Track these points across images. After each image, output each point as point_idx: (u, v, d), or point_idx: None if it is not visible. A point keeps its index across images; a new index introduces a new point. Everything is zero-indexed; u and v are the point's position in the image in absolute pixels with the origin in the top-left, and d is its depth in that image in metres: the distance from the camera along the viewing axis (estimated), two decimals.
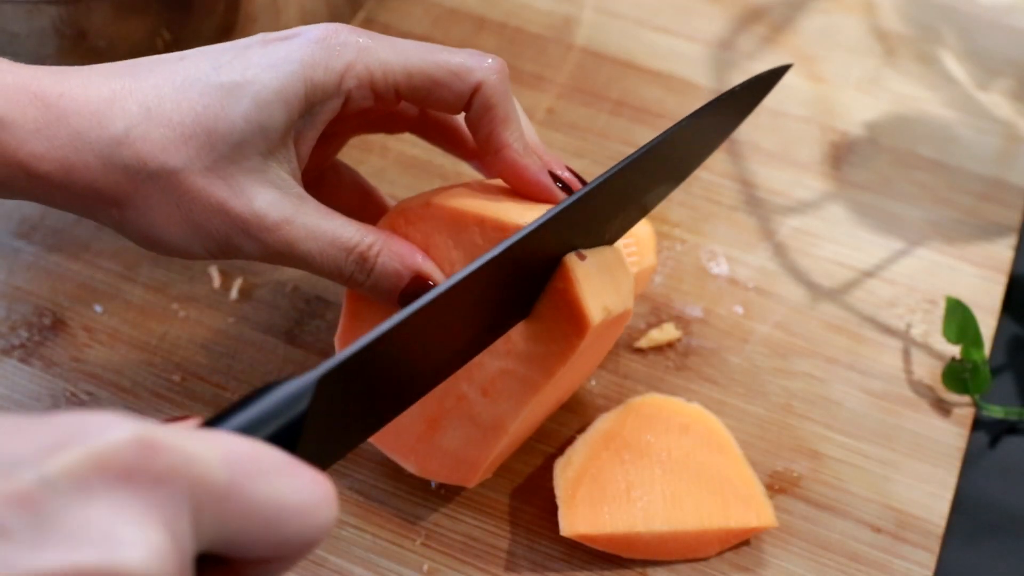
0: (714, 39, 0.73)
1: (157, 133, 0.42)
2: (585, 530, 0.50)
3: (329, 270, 0.46)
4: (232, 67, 0.43)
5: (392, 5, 0.74)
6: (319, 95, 0.44)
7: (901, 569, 0.52)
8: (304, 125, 0.45)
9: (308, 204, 0.45)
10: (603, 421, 0.54)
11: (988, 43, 0.74)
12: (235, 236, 0.44)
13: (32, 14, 0.56)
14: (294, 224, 0.44)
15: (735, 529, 0.51)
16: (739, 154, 0.67)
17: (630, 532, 0.50)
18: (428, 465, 0.50)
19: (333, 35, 0.44)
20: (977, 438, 0.58)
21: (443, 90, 0.45)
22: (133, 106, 0.43)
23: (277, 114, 0.43)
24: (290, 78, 0.43)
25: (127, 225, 0.45)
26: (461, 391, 0.49)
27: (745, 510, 0.51)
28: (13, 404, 0.56)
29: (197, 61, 0.44)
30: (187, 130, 0.43)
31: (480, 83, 0.45)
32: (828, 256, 0.63)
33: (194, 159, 0.43)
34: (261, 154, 0.44)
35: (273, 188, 0.44)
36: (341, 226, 0.46)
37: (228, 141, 0.43)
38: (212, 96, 0.43)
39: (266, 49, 0.44)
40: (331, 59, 0.44)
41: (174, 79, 0.43)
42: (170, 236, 0.44)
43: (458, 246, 0.47)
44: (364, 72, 0.44)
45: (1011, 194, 0.66)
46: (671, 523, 0.50)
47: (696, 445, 0.53)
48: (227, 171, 0.43)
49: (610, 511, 0.50)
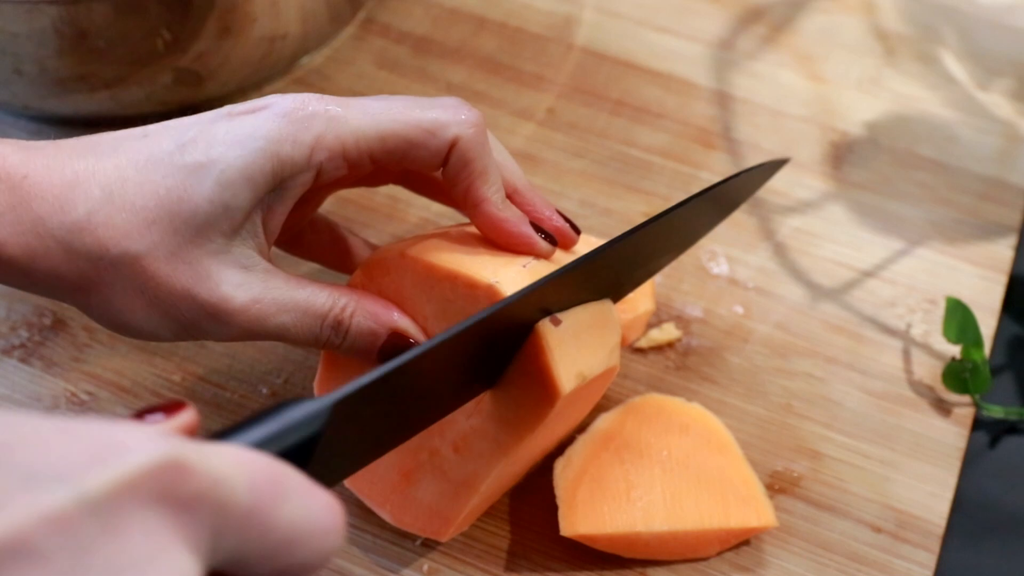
0: (714, 39, 0.73)
1: (119, 218, 0.41)
2: (585, 530, 0.50)
3: (305, 339, 0.45)
4: (196, 146, 0.42)
5: (392, 5, 0.74)
6: (288, 171, 0.43)
7: (901, 569, 0.52)
8: (274, 200, 0.44)
9: (276, 279, 0.44)
10: (603, 421, 0.54)
11: (988, 43, 0.74)
12: (203, 321, 0.44)
13: (32, 14, 0.56)
14: (263, 302, 0.44)
15: (735, 529, 0.51)
16: (739, 154, 0.67)
17: (630, 532, 0.50)
18: (403, 516, 0.50)
19: (301, 107, 0.43)
20: (977, 438, 0.58)
21: (419, 150, 0.44)
22: (95, 189, 0.41)
23: (242, 194, 0.42)
24: (256, 155, 0.42)
25: (93, 310, 0.44)
26: (434, 446, 0.48)
27: (745, 510, 0.51)
28: (13, 404, 0.56)
29: (160, 139, 0.43)
30: (150, 214, 0.42)
31: (456, 139, 0.44)
32: (828, 256, 0.63)
33: (157, 244, 0.42)
34: (224, 235, 0.43)
35: (239, 269, 0.43)
36: (312, 294, 0.45)
37: (191, 224, 0.42)
38: (175, 178, 0.42)
39: (231, 124, 0.43)
40: (299, 132, 0.42)
41: (136, 159, 0.42)
42: (136, 321, 0.44)
43: (430, 300, 0.46)
44: (335, 143, 0.43)
45: (1011, 194, 0.66)
46: (671, 523, 0.50)
47: (696, 445, 0.53)
48: (191, 255, 0.42)
49: (610, 512, 0.50)
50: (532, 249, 0.47)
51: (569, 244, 0.50)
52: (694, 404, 0.55)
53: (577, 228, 0.50)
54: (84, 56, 0.59)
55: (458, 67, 0.71)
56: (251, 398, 0.57)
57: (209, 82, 0.64)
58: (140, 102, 0.64)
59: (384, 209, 0.64)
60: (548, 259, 0.48)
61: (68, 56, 0.59)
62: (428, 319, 0.47)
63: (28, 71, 0.60)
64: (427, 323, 0.47)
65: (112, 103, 0.64)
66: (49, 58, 0.59)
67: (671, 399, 0.55)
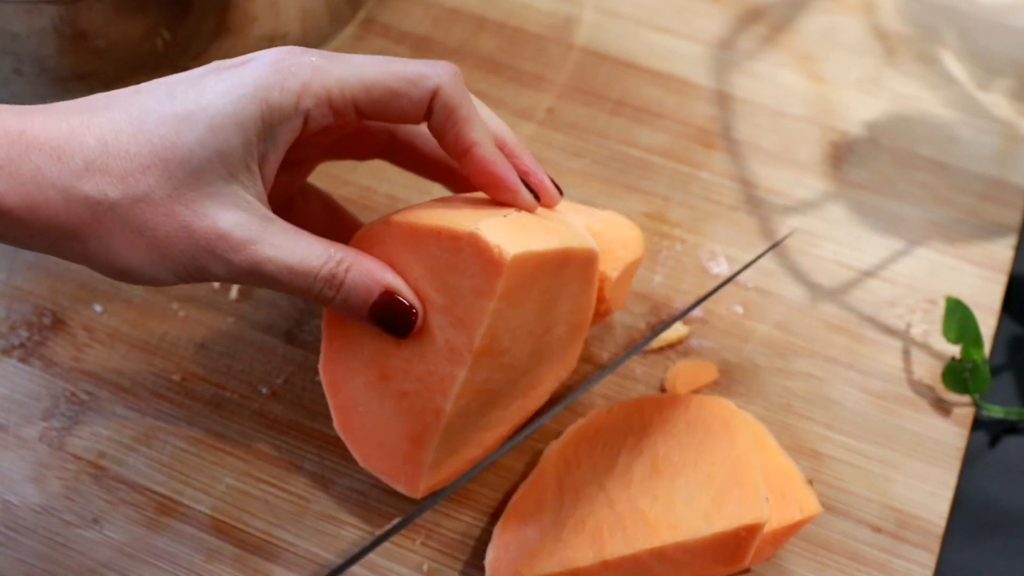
0: (714, 39, 0.73)
1: (115, 165, 0.43)
2: None
3: (299, 288, 0.46)
4: (187, 96, 0.44)
5: (392, 5, 0.74)
6: (276, 116, 0.44)
7: (901, 569, 0.52)
8: (266, 148, 0.45)
9: (275, 225, 0.45)
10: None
11: (988, 43, 0.74)
12: (201, 258, 0.44)
13: (32, 14, 0.56)
14: (261, 244, 0.45)
15: (778, 529, 0.50)
16: (739, 154, 0.67)
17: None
18: (416, 484, 0.51)
19: (287, 57, 0.44)
20: (977, 438, 0.58)
21: (402, 100, 0.45)
22: (91, 140, 0.43)
23: (233, 138, 0.43)
24: (245, 101, 0.43)
25: (92, 257, 0.45)
26: (436, 405, 0.49)
27: (785, 503, 0.50)
28: (13, 404, 0.56)
29: (153, 92, 0.44)
30: (144, 160, 0.43)
31: (438, 87, 0.45)
32: (828, 256, 0.63)
33: (154, 187, 0.43)
34: (223, 178, 0.44)
35: (237, 209, 0.44)
36: (309, 244, 0.46)
37: (186, 168, 0.43)
38: (167, 126, 0.43)
39: (220, 76, 0.44)
40: (286, 80, 0.44)
41: (130, 112, 0.44)
42: (136, 264, 0.45)
43: (418, 260, 0.47)
44: (321, 90, 0.44)
45: (1011, 194, 0.66)
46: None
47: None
48: (188, 196, 0.44)
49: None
50: (516, 197, 0.48)
51: (551, 203, 0.51)
52: (718, 398, 0.53)
53: (560, 189, 0.51)
54: (84, 56, 0.59)
55: (458, 67, 0.71)
56: (251, 398, 0.57)
57: None
58: None
59: (383, 209, 0.64)
60: (532, 212, 0.48)
61: (68, 56, 0.59)
62: (418, 280, 0.47)
63: (28, 71, 0.60)
64: (417, 284, 0.47)
65: None
66: (49, 58, 0.59)
67: (695, 398, 0.54)
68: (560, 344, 0.53)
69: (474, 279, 0.46)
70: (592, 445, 0.52)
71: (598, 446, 0.52)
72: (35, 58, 0.59)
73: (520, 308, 0.48)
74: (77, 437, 0.55)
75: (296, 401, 0.57)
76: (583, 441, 0.53)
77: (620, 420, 0.53)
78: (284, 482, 0.54)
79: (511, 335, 0.48)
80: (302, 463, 0.55)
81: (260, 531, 0.53)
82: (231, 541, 0.52)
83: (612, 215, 0.56)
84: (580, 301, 0.52)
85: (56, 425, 0.56)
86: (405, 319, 0.47)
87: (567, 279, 0.50)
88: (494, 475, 0.54)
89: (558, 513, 0.50)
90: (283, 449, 0.55)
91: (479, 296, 0.46)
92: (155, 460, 0.55)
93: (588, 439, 0.53)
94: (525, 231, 0.47)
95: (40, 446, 0.55)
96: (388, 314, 0.47)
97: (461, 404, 0.49)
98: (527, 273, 0.46)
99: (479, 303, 0.46)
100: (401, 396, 0.49)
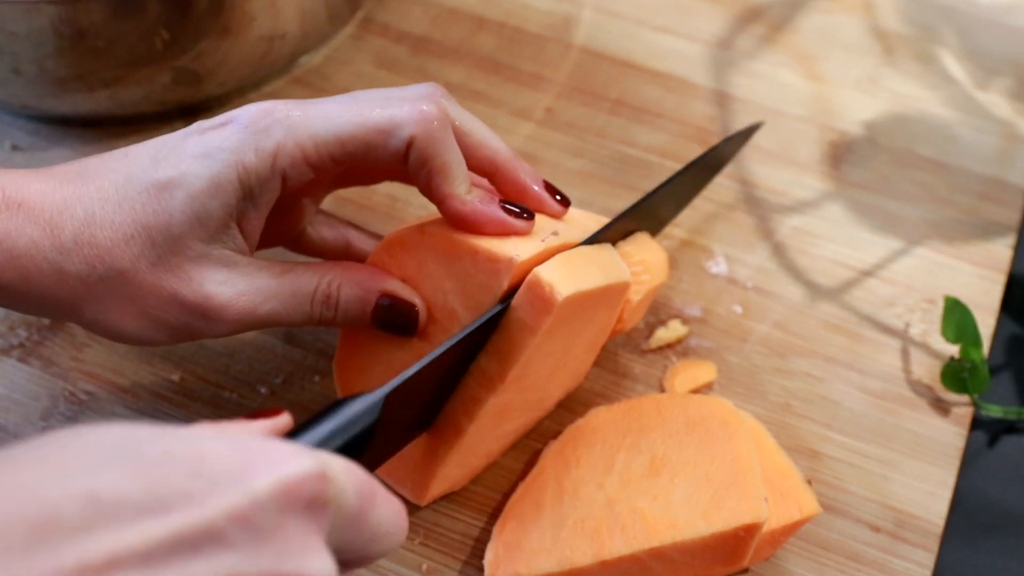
0: (713, 39, 0.73)
1: (101, 236, 0.44)
2: None
3: (298, 319, 0.47)
4: (168, 162, 0.45)
5: (391, 5, 0.74)
6: (254, 179, 0.45)
7: (900, 568, 0.52)
8: (247, 207, 0.45)
9: (259, 271, 0.46)
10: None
11: (987, 42, 0.74)
12: (194, 321, 0.46)
13: (31, 13, 0.56)
14: (249, 294, 0.46)
15: (777, 529, 0.49)
16: (738, 153, 0.67)
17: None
18: (423, 493, 0.52)
19: (263, 117, 0.45)
20: (976, 437, 0.58)
21: (377, 151, 0.45)
22: (79, 211, 0.44)
23: (211, 204, 0.44)
24: (222, 167, 0.44)
25: (89, 323, 0.46)
26: (459, 424, 0.50)
27: (784, 503, 0.50)
28: (12, 403, 0.56)
29: (138, 157, 0.46)
30: (128, 230, 0.44)
31: (412, 138, 0.45)
32: (827, 255, 0.63)
33: (139, 257, 0.45)
34: (203, 240, 0.45)
35: (220, 267, 0.46)
36: (296, 276, 0.47)
37: (167, 235, 0.44)
38: (149, 194, 0.44)
39: (201, 139, 0.45)
40: (261, 141, 0.44)
41: (116, 180, 0.45)
42: (131, 330, 0.46)
43: (450, 276, 0.47)
44: (296, 150, 0.45)
45: (1010, 193, 0.66)
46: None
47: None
48: (172, 262, 0.45)
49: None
50: (507, 230, 0.47)
51: (555, 216, 0.50)
52: (717, 398, 0.53)
53: (565, 199, 0.51)
54: (83, 56, 0.59)
55: (457, 67, 0.71)
56: (250, 398, 0.57)
57: (208, 81, 0.64)
58: (139, 101, 0.64)
59: (383, 208, 0.64)
60: (526, 235, 0.48)
61: (67, 56, 0.59)
62: (448, 294, 0.48)
63: (27, 71, 0.60)
64: (447, 298, 0.48)
65: (111, 103, 0.64)
66: (48, 58, 0.59)
67: (694, 397, 0.54)
68: (576, 361, 0.53)
69: (521, 311, 0.46)
70: (591, 444, 0.52)
71: (596, 445, 0.52)
72: (34, 58, 0.59)
73: (556, 340, 0.48)
74: None
75: (295, 401, 0.57)
76: (581, 441, 0.53)
77: (619, 419, 0.53)
78: None
79: (540, 363, 0.49)
80: None
81: None
82: None
83: (641, 235, 0.56)
84: (604, 325, 0.53)
85: (55, 425, 0.56)
86: (407, 318, 0.48)
87: (601, 308, 0.51)
88: (493, 475, 0.54)
89: (557, 512, 0.50)
90: None
91: (523, 331, 0.46)
92: None
93: (586, 438, 0.53)
94: (572, 265, 0.47)
95: None
96: (389, 316, 0.48)
97: (481, 423, 0.49)
98: (572, 310, 0.47)
99: (522, 338, 0.46)
100: None
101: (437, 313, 0.48)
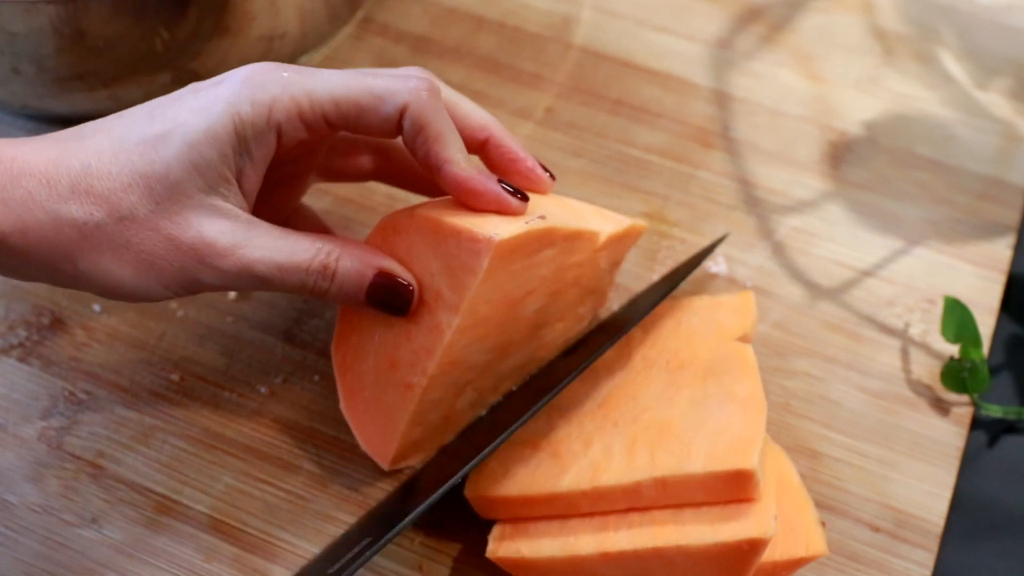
0: (713, 38, 0.73)
1: (99, 186, 0.45)
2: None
3: (293, 284, 0.47)
4: (164, 116, 0.46)
5: (391, 5, 0.74)
6: (249, 130, 0.45)
7: (900, 568, 0.52)
8: (243, 162, 0.46)
9: (259, 227, 0.47)
10: None
11: (987, 42, 0.74)
12: (191, 268, 0.46)
13: (30, 13, 0.56)
14: (248, 247, 0.46)
15: (782, 560, 0.49)
16: (738, 153, 0.67)
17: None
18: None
19: (258, 73, 0.46)
20: (976, 437, 0.58)
21: (370, 115, 0.46)
22: (76, 164, 0.45)
23: (208, 152, 0.45)
24: (218, 117, 0.45)
25: (83, 277, 0.46)
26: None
27: (794, 539, 0.49)
28: (12, 403, 0.56)
29: (134, 116, 0.46)
30: (126, 179, 0.45)
31: (406, 104, 0.46)
32: (827, 255, 0.63)
33: (137, 205, 0.45)
34: (202, 190, 0.45)
35: (220, 217, 0.46)
36: (297, 241, 0.47)
37: (165, 183, 0.45)
38: (146, 144, 0.45)
39: (196, 95, 0.46)
40: (256, 94, 0.45)
41: (112, 135, 0.46)
42: (127, 280, 0.46)
43: (436, 256, 0.48)
44: (291, 104, 0.45)
45: (1010, 193, 0.66)
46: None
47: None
48: (171, 210, 0.45)
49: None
50: (502, 206, 0.48)
51: (543, 189, 0.52)
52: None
53: (552, 174, 0.52)
54: (82, 55, 0.59)
55: (456, 66, 0.71)
56: (250, 398, 0.57)
57: None
58: (139, 101, 0.63)
59: (382, 209, 0.64)
60: (520, 214, 0.48)
61: (66, 55, 0.59)
62: (435, 275, 0.48)
63: (26, 70, 0.60)
64: (434, 279, 0.48)
65: (111, 102, 0.64)
66: (47, 57, 0.59)
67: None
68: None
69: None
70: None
71: None
72: (33, 57, 0.59)
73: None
74: (76, 436, 0.55)
75: (295, 401, 0.57)
76: None
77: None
78: (283, 481, 0.54)
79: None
80: (301, 463, 0.55)
81: (259, 530, 0.53)
82: (230, 540, 0.52)
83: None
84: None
85: (55, 424, 0.56)
86: (402, 296, 0.48)
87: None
88: None
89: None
90: (282, 449, 0.55)
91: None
92: (154, 459, 0.55)
93: None
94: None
95: (39, 445, 0.55)
96: (384, 294, 0.48)
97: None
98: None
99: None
100: (406, 388, 0.50)
101: (425, 294, 0.49)
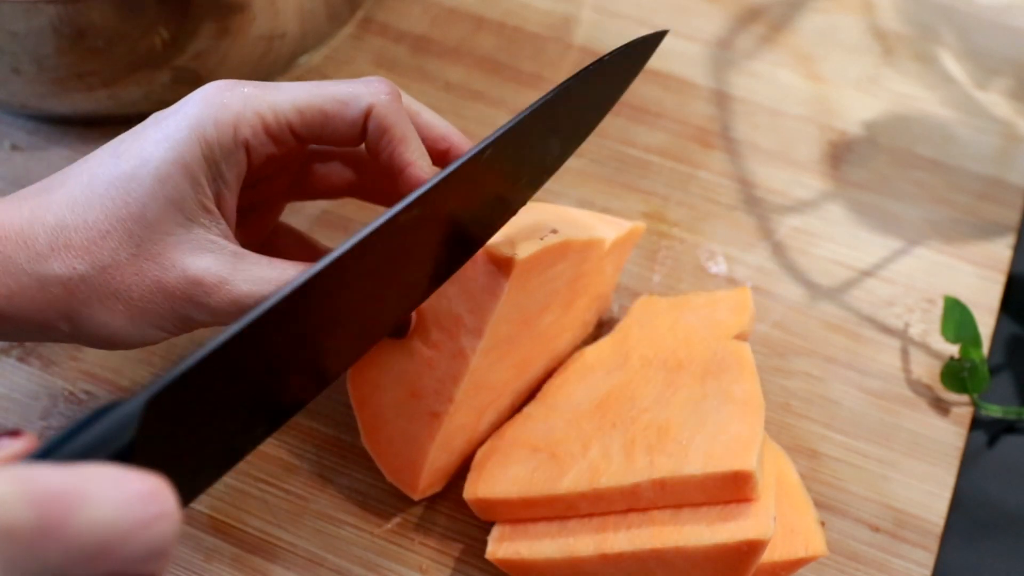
0: (713, 38, 0.73)
1: (76, 238, 0.43)
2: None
3: None
4: (130, 152, 0.44)
5: (391, 5, 0.74)
6: (217, 151, 0.44)
7: (900, 568, 0.52)
8: (218, 186, 0.45)
9: (246, 259, 0.45)
10: None
11: (987, 42, 0.74)
12: (181, 309, 0.44)
13: (30, 13, 0.56)
14: (235, 281, 0.44)
15: (782, 561, 0.49)
16: (737, 153, 0.67)
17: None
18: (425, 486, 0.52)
19: (216, 93, 0.45)
20: (975, 437, 0.58)
21: (336, 120, 0.45)
22: (50, 219, 0.43)
23: (180, 183, 0.43)
24: (184, 145, 0.43)
25: (80, 333, 0.45)
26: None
27: (793, 539, 0.49)
28: (11, 403, 0.56)
29: (100, 157, 0.45)
30: (103, 226, 0.43)
31: (370, 107, 0.45)
32: (827, 255, 0.63)
33: (118, 250, 0.43)
34: (181, 225, 0.44)
35: (204, 252, 0.44)
36: (284, 269, 0.45)
37: (143, 223, 0.43)
38: (116, 186, 0.43)
39: (159, 125, 0.44)
40: (219, 114, 0.44)
41: (81, 182, 0.44)
42: (122, 329, 0.45)
43: (453, 280, 0.47)
44: (255, 118, 0.44)
45: (1010, 193, 0.66)
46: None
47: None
48: (152, 251, 0.44)
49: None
50: None
51: None
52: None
53: None
54: (82, 55, 0.59)
55: (456, 66, 0.71)
56: None
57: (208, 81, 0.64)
58: (138, 101, 0.64)
59: (382, 209, 0.64)
60: None
61: (66, 55, 0.59)
62: (451, 299, 0.48)
63: (26, 70, 0.60)
64: (451, 304, 0.48)
65: (110, 102, 0.64)
66: (47, 57, 0.59)
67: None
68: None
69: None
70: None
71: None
72: (33, 57, 0.59)
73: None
74: None
75: None
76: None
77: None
78: (283, 482, 0.54)
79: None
80: (301, 463, 0.55)
81: (259, 530, 0.53)
82: (230, 540, 0.52)
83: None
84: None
85: (55, 424, 0.56)
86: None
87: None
88: None
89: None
90: (282, 448, 0.55)
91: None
92: None
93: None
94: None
95: None
96: None
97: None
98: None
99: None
100: (432, 416, 0.49)
101: (442, 319, 0.48)
